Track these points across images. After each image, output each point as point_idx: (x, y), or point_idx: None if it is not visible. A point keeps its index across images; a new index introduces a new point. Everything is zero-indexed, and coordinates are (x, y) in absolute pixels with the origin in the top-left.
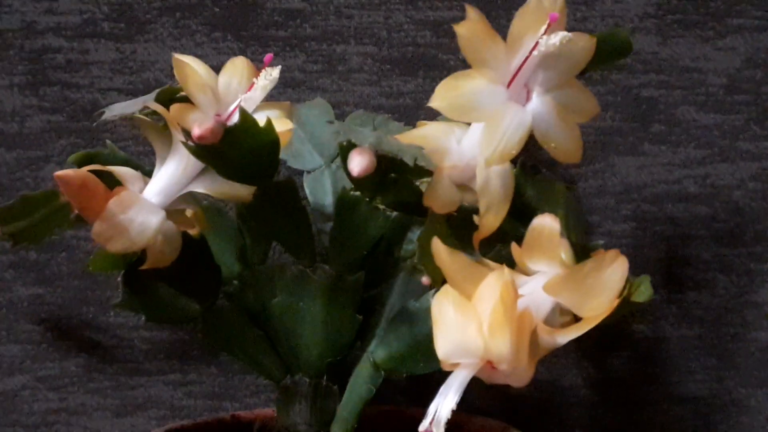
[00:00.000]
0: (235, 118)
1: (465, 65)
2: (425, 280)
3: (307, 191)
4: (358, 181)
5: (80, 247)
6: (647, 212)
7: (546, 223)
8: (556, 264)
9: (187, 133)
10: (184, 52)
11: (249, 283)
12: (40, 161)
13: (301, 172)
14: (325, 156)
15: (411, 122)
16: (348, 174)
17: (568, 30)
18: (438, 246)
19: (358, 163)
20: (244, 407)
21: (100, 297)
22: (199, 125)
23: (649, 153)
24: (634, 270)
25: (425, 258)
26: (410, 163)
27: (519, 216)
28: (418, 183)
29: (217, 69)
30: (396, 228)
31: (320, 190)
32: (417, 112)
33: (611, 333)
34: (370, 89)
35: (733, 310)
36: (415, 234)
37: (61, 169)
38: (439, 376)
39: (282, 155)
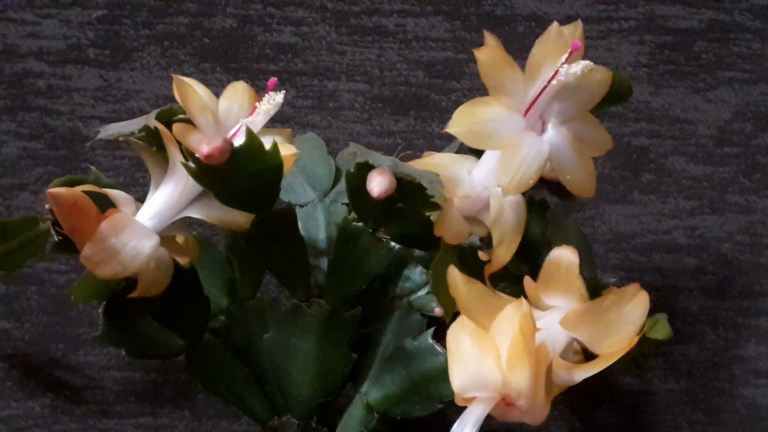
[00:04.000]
0: (240, 141)
1: (457, 107)
2: (438, 310)
3: (299, 226)
4: (364, 210)
5: (52, 281)
6: (636, 262)
7: (564, 256)
8: (574, 298)
9: (188, 155)
10: (171, 82)
11: (237, 319)
12: (14, 189)
13: None
14: (318, 190)
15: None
16: (353, 200)
17: None
18: (454, 274)
19: (379, 183)
20: None
21: (71, 333)
22: (208, 143)
23: (639, 202)
24: None
25: (438, 287)
26: (427, 186)
27: (521, 254)
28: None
29: None
30: (391, 265)
31: (313, 225)
32: (407, 151)
33: (598, 385)
34: (360, 127)
35: (720, 364)
36: (411, 271)
37: (36, 198)
38: None
39: None
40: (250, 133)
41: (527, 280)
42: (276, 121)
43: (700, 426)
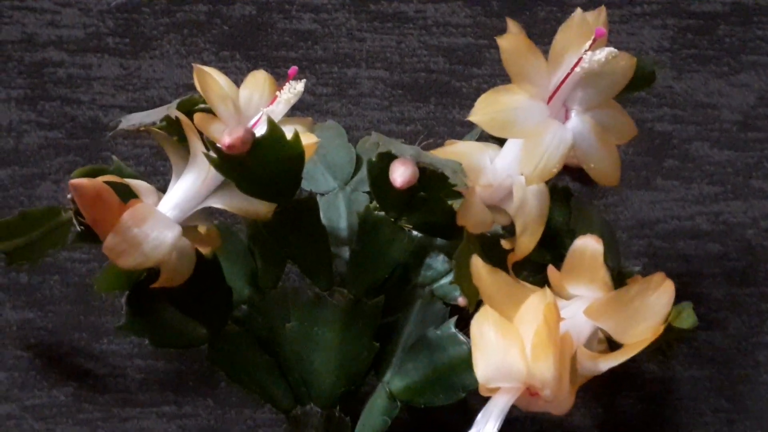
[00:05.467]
0: (260, 130)
1: (478, 93)
2: (461, 300)
3: (320, 215)
4: (386, 199)
5: (74, 270)
6: (659, 248)
7: (588, 245)
8: (598, 288)
9: (209, 144)
10: (190, 70)
11: (259, 308)
12: (35, 179)
13: None
14: (339, 179)
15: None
16: (375, 189)
17: None
18: (478, 264)
19: (402, 173)
20: None
21: (94, 322)
22: (230, 133)
23: (662, 188)
24: None
25: (461, 277)
26: (450, 176)
27: (544, 242)
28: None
29: None
30: (413, 253)
31: (334, 214)
32: (428, 139)
33: (621, 372)
34: (380, 114)
35: (745, 351)
36: (433, 259)
37: (58, 187)
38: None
39: None
40: (271, 123)
41: (551, 269)
42: (296, 109)
43: (723, 413)
